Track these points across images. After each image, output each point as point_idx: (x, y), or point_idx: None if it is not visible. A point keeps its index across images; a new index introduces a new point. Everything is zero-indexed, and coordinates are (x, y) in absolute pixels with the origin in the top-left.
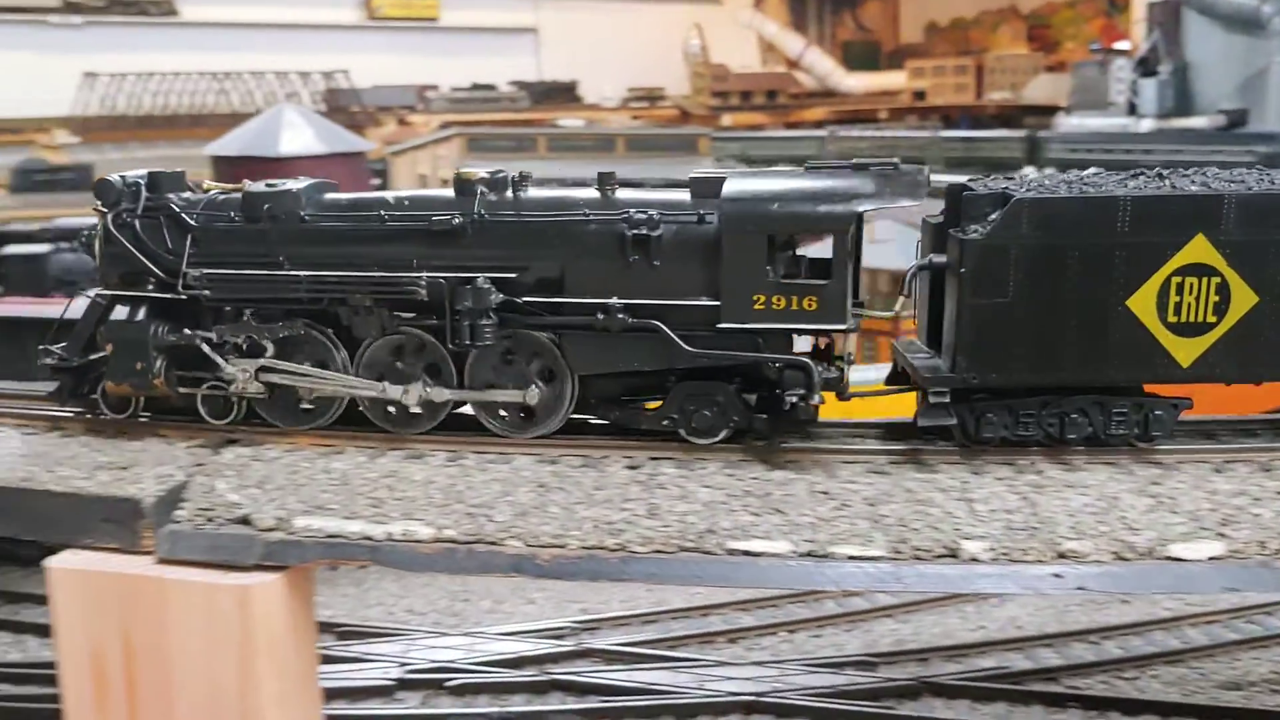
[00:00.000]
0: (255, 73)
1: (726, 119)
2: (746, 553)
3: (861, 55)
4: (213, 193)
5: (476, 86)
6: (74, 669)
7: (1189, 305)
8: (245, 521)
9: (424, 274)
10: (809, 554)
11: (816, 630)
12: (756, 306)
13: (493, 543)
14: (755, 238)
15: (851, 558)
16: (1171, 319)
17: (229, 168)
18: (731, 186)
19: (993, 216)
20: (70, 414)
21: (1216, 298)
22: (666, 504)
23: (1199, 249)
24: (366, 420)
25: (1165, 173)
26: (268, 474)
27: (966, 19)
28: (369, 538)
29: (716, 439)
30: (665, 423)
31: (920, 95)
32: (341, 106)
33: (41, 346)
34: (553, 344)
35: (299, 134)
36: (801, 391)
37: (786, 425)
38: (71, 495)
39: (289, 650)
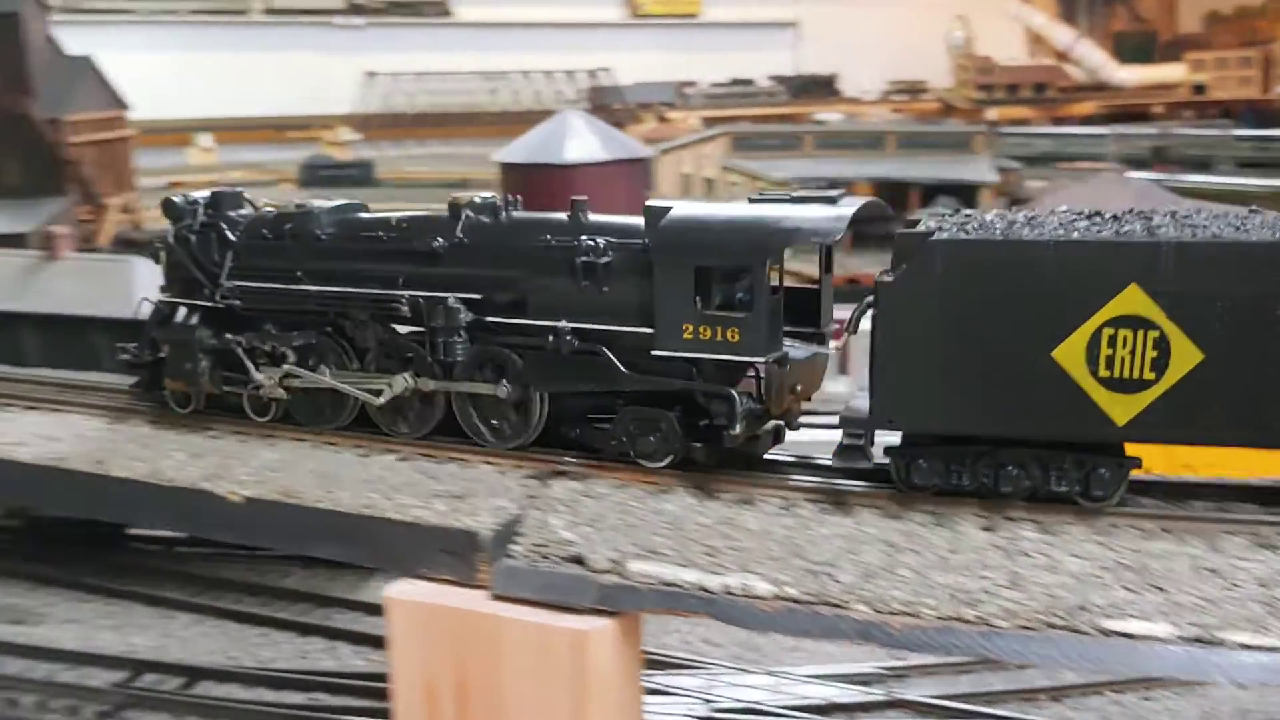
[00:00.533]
0: (524, 72)
1: (991, 113)
2: (1123, 634)
3: (1135, 47)
4: (264, 210)
5: (735, 81)
6: (407, 698)
7: (1123, 359)
8: (579, 561)
9: (406, 292)
10: (1195, 639)
11: (1145, 692)
12: (686, 335)
13: (837, 605)
14: (682, 269)
15: (1244, 646)
16: (1104, 373)
17: (516, 174)
18: (670, 216)
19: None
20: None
21: (1155, 353)
22: (1031, 574)
23: (1133, 300)
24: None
25: (1124, 215)
26: (599, 512)
27: (1252, 7)
28: (705, 589)
29: (662, 464)
30: (614, 443)
31: (1200, 89)
32: (604, 104)
33: (119, 344)
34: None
35: (584, 141)
36: (722, 421)
37: (722, 454)
38: (412, 525)
39: (619, 696)
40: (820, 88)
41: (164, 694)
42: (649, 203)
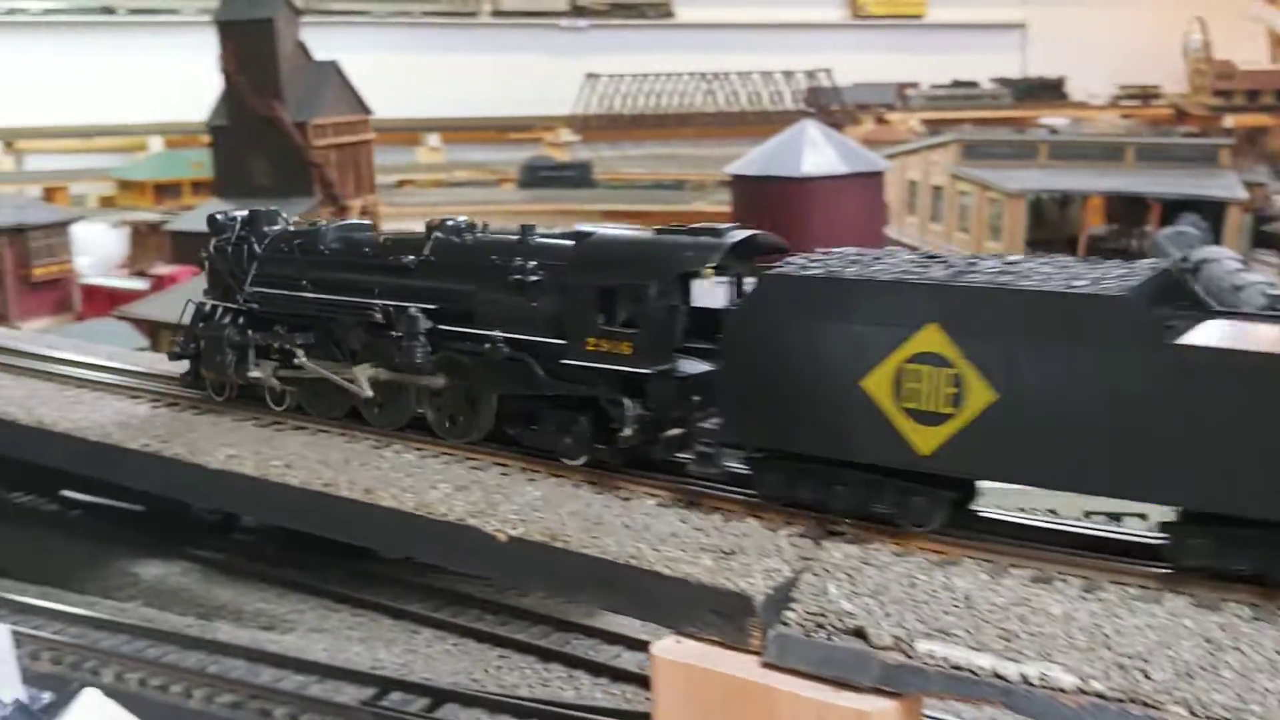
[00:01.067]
0: (741, 73)
1: (1229, 120)
2: None
3: None
4: (288, 227)
5: (957, 84)
6: None
7: (925, 393)
8: (860, 635)
9: (380, 301)
10: None
11: None
12: (589, 347)
13: (1150, 705)
14: (587, 289)
15: None
16: (908, 404)
17: (748, 187)
18: (585, 241)
19: None
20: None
21: (952, 389)
22: None
23: (931, 338)
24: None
25: (954, 259)
26: (882, 583)
27: None
28: (1001, 676)
29: (578, 462)
30: (542, 443)
31: None
32: (822, 105)
33: (170, 339)
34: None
35: (821, 153)
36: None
37: (622, 455)
38: (681, 581)
39: None
40: (1046, 91)
41: (411, 716)
42: (578, 227)
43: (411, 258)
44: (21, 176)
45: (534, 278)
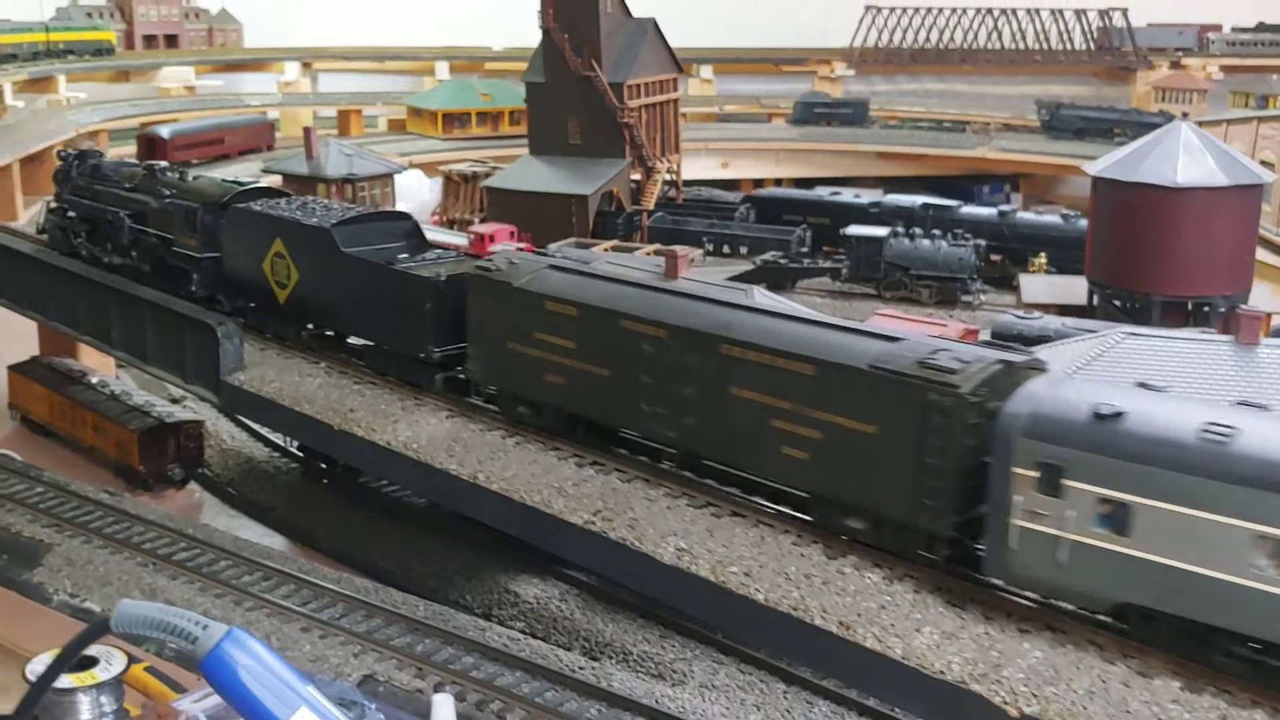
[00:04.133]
0: (1030, 9)
1: None
2: None
3: None
4: (97, 162)
5: (1263, 27)
6: None
7: (280, 273)
8: None
9: (110, 208)
10: None
11: None
12: (185, 242)
13: None
14: (180, 209)
15: None
16: (277, 278)
17: (1111, 190)
18: (187, 182)
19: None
20: None
21: (287, 272)
22: None
23: (280, 246)
24: None
25: (312, 204)
26: None
27: None
28: None
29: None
30: (174, 293)
31: None
32: (1113, 47)
33: (38, 224)
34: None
35: (1198, 161)
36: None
37: (194, 299)
38: None
39: None
40: None
41: None
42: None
43: (130, 184)
44: (318, 99)
45: (168, 201)
